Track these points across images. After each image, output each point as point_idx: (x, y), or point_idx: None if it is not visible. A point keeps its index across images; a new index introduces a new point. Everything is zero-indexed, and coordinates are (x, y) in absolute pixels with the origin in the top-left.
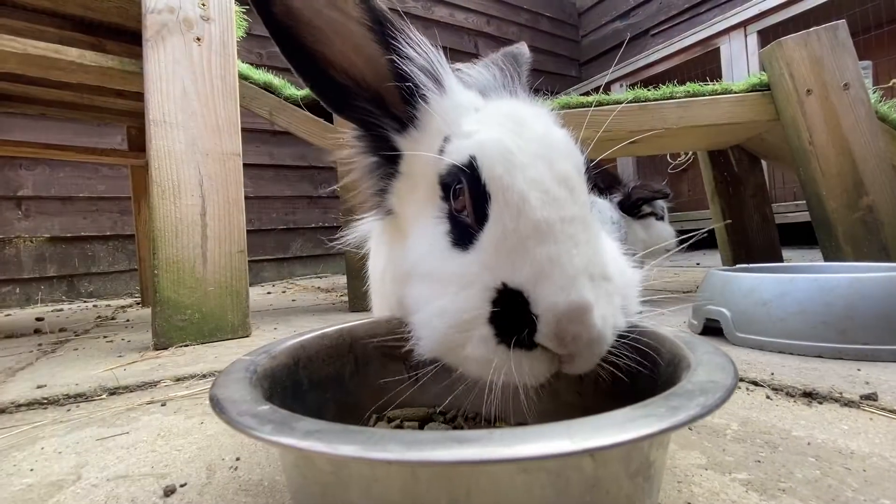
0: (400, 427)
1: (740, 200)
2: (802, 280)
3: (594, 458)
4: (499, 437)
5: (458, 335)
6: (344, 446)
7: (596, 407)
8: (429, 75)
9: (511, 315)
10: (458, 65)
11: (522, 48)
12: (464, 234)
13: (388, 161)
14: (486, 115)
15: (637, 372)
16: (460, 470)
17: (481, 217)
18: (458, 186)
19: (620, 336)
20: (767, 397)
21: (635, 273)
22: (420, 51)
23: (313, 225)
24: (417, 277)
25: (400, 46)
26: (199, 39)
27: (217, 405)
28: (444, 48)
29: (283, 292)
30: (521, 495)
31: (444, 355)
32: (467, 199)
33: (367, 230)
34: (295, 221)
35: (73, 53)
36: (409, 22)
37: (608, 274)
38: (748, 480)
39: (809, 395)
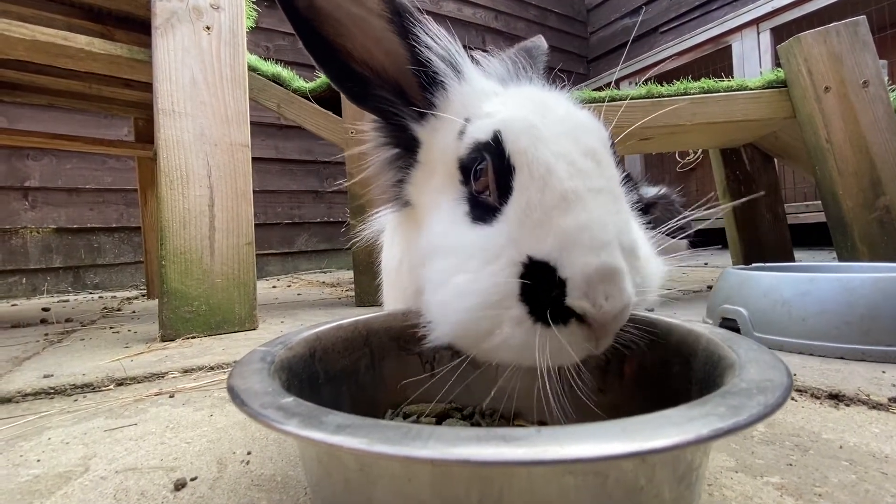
0: (417, 423)
1: (752, 199)
2: (824, 279)
3: (644, 461)
4: (548, 435)
5: (486, 319)
6: (380, 444)
7: (622, 405)
8: (447, 63)
9: (542, 289)
10: (474, 53)
11: (539, 41)
12: (486, 211)
13: (407, 151)
14: (507, 98)
15: (666, 369)
16: (496, 469)
17: (505, 192)
18: (479, 167)
19: (646, 326)
20: (792, 399)
21: (658, 259)
22: (438, 40)
23: (319, 220)
24: (435, 254)
25: (419, 36)
26: (208, 28)
27: (237, 397)
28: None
29: (289, 286)
30: (554, 499)
31: (465, 342)
32: (490, 175)
33: (383, 223)
34: (301, 216)
35: (81, 41)
36: None
37: (636, 250)
38: (781, 484)
39: (836, 397)
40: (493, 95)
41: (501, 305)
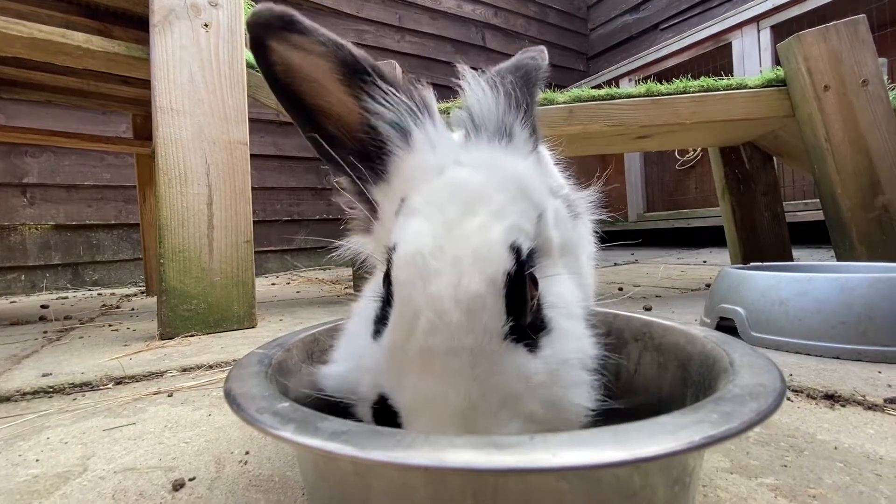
0: None
1: (751, 198)
2: (821, 279)
3: (638, 466)
4: (541, 443)
5: (351, 399)
6: (375, 451)
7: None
8: (397, 129)
9: (389, 417)
10: (467, 71)
11: (540, 58)
12: (380, 324)
13: (372, 208)
14: (435, 189)
15: (663, 371)
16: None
17: (386, 319)
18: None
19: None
20: (788, 399)
21: (577, 369)
22: (389, 105)
23: (318, 217)
24: (344, 339)
25: (368, 99)
26: (206, 25)
27: (234, 401)
28: (451, 40)
29: (288, 283)
30: (549, 503)
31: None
32: (385, 291)
33: (360, 246)
34: (300, 213)
35: (79, 38)
36: (417, 13)
37: (507, 403)
38: (776, 486)
39: (831, 398)
40: (434, 174)
41: (360, 402)
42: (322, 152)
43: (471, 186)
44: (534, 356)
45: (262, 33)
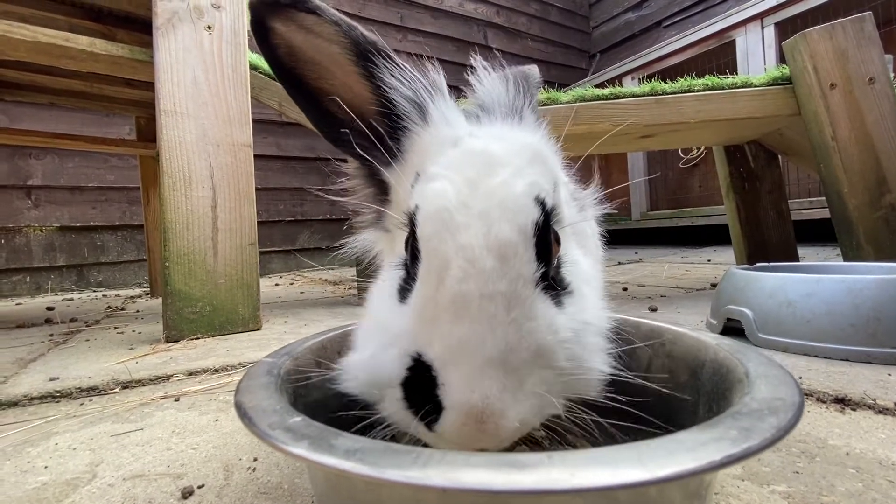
0: None
1: (756, 196)
2: (829, 281)
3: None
4: (559, 461)
5: (376, 390)
6: (390, 469)
7: (629, 413)
8: (413, 105)
9: (421, 387)
10: (477, 62)
11: (533, 70)
12: (406, 290)
13: (382, 192)
14: (453, 156)
15: (674, 379)
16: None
17: (414, 277)
18: (408, 239)
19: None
20: None
21: (597, 335)
22: (404, 80)
23: (321, 217)
24: (367, 314)
25: (383, 77)
26: (209, 28)
27: (245, 415)
28: (453, 39)
29: (291, 284)
30: None
31: (364, 400)
32: (409, 255)
33: (368, 242)
34: (303, 213)
35: (83, 42)
36: (419, 12)
37: (531, 357)
38: (788, 493)
39: (842, 401)
40: (450, 146)
41: (388, 384)
42: (331, 135)
43: (489, 152)
44: (560, 310)
45: (266, 13)
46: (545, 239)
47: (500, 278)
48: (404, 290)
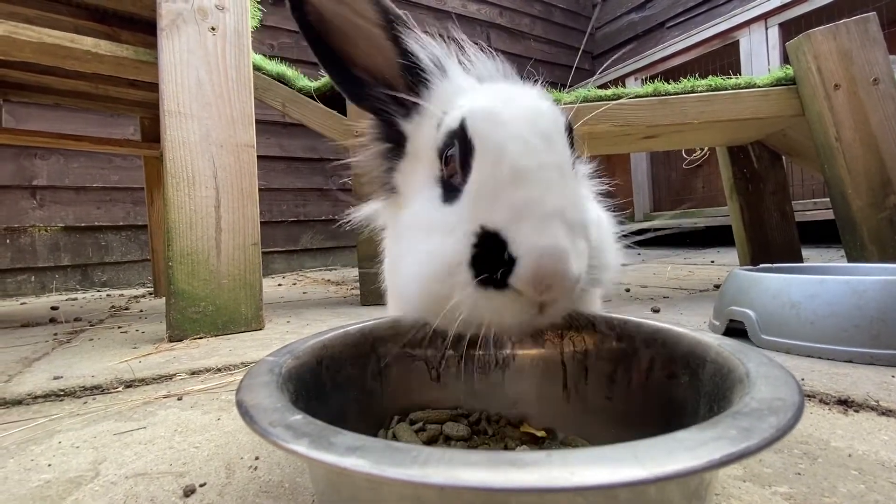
0: (423, 430)
1: (759, 197)
2: (833, 282)
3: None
4: (559, 460)
5: (441, 285)
6: (391, 468)
7: (630, 413)
8: (434, 62)
9: (491, 258)
10: (468, 46)
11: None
12: (453, 192)
13: (397, 145)
14: (479, 92)
15: (674, 379)
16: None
17: (467, 172)
18: (449, 153)
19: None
20: None
21: (612, 223)
22: (426, 44)
23: (324, 217)
24: (407, 231)
25: (409, 40)
26: (213, 29)
27: (246, 413)
28: (456, 39)
29: (294, 284)
30: None
31: (427, 310)
32: (457, 158)
33: (373, 210)
34: (306, 214)
35: (88, 43)
36: (422, 13)
37: (584, 220)
38: (790, 494)
39: (845, 403)
40: (470, 91)
41: (453, 272)
42: (353, 94)
43: (511, 88)
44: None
45: None
46: (572, 142)
47: (549, 153)
48: (452, 193)
